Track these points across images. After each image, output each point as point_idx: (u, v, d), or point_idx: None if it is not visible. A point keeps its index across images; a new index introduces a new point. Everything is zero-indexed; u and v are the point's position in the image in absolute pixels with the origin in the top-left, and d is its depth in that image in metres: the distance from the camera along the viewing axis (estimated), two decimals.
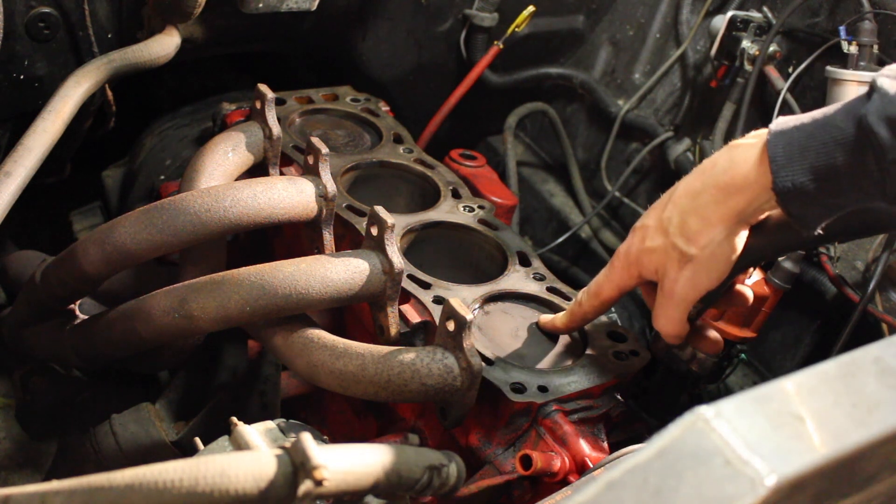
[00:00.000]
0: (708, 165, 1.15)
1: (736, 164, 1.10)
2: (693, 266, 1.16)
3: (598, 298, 1.30)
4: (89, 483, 0.81)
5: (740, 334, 1.67)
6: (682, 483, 0.62)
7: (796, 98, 1.88)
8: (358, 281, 1.26)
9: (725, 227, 1.13)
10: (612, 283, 1.28)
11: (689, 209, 1.15)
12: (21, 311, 1.54)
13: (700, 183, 1.15)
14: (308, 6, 1.76)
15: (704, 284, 1.18)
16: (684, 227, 1.16)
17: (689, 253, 1.16)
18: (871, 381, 0.73)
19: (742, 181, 1.09)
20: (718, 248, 1.14)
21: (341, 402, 1.57)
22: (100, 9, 1.63)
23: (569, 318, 1.35)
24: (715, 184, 1.12)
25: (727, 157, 1.12)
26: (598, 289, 1.30)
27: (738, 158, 1.10)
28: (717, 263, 1.16)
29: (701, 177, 1.15)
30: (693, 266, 1.16)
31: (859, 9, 1.77)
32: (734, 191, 1.10)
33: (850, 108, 1.03)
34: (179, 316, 1.25)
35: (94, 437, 1.42)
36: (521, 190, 2.31)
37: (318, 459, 0.85)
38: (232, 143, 1.49)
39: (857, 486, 0.75)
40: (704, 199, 1.13)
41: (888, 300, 1.69)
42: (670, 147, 2.13)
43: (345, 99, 1.84)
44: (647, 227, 1.22)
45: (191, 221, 1.29)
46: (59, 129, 1.45)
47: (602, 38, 2.35)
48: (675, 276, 1.18)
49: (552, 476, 1.20)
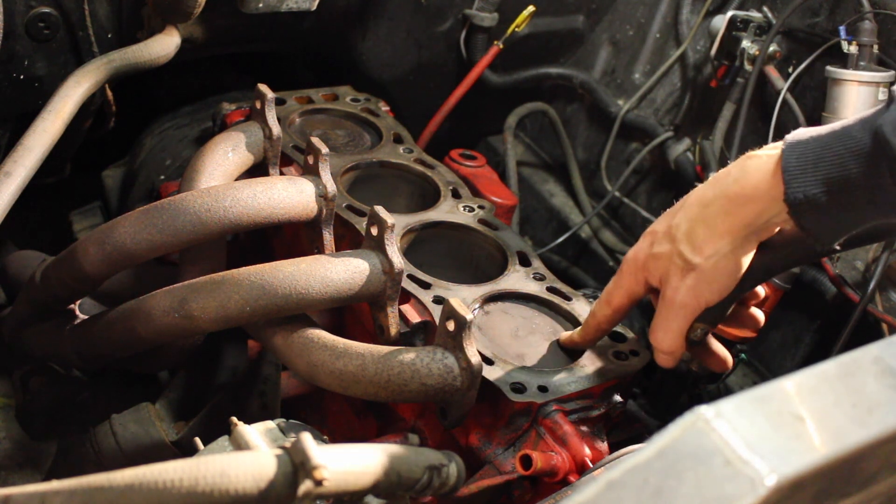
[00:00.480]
0: (722, 175, 1.13)
1: (748, 174, 1.08)
2: (696, 275, 1.14)
3: (609, 307, 1.27)
4: (89, 483, 0.81)
5: (740, 334, 1.67)
6: (682, 483, 0.62)
7: (796, 98, 1.88)
8: (358, 281, 1.26)
9: (733, 239, 1.11)
10: (622, 289, 1.25)
11: (698, 218, 1.13)
12: (21, 311, 1.54)
13: (712, 192, 1.13)
14: (308, 6, 1.76)
15: (706, 296, 1.15)
16: (691, 236, 1.14)
17: (693, 262, 1.14)
18: (871, 381, 0.73)
19: (752, 191, 1.07)
20: (723, 259, 1.12)
21: (341, 402, 1.57)
22: (100, 9, 1.63)
23: (584, 331, 1.32)
24: (725, 193, 1.10)
25: (740, 167, 1.10)
26: (608, 297, 1.28)
27: (751, 168, 1.08)
28: (721, 276, 1.13)
29: (713, 186, 1.13)
30: (696, 275, 1.14)
31: (859, 9, 1.77)
32: (744, 201, 1.08)
33: (867, 119, 1.01)
34: (179, 316, 1.25)
35: (94, 437, 1.42)
36: (521, 190, 2.31)
37: (318, 459, 0.85)
38: (232, 143, 1.49)
39: (857, 486, 0.75)
40: (714, 208, 1.12)
41: (888, 300, 1.69)
42: (670, 147, 2.13)
43: (345, 99, 1.84)
44: (656, 232, 1.21)
45: (191, 221, 1.29)
46: (59, 129, 1.45)
47: (602, 38, 2.35)
48: (676, 284, 1.16)
49: (552, 476, 1.20)
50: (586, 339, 1.33)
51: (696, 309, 1.17)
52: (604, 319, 1.29)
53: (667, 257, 1.17)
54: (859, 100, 1.73)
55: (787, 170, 1.03)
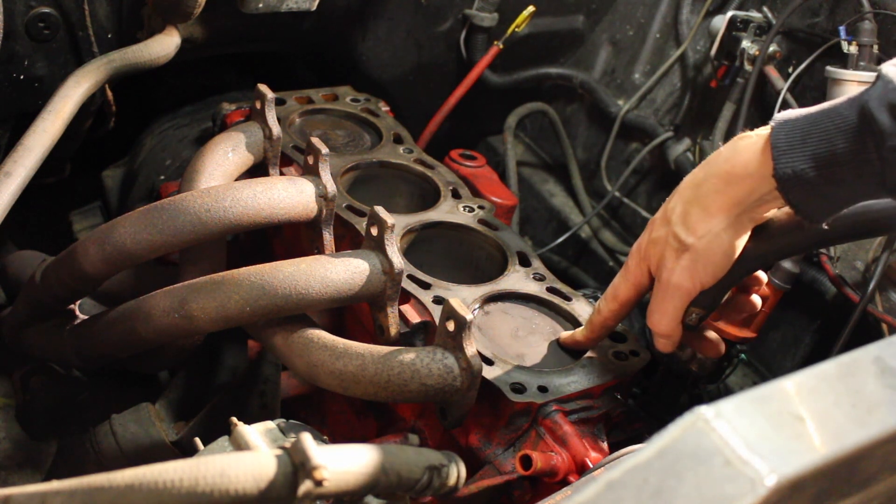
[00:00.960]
0: (713, 156, 1.15)
1: (738, 153, 1.10)
2: (690, 255, 1.16)
3: (616, 301, 1.28)
4: (89, 483, 0.81)
5: (740, 334, 1.67)
6: (682, 483, 0.62)
7: (796, 98, 1.88)
8: (358, 281, 1.26)
9: (725, 218, 1.13)
10: (628, 281, 1.26)
11: (692, 198, 1.15)
12: (21, 311, 1.54)
13: (703, 173, 1.15)
14: (308, 6, 1.76)
15: (700, 276, 1.17)
16: (685, 217, 1.15)
17: (686, 242, 1.15)
18: (871, 381, 0.73)
19: (742, 170, 1.09)
20: (716, 238, 1.14)
21: (341, 402, 1.57)
22: (100, 9, 1.63)
23: (589, 329, 1.32)
24: (716, 173, 1.12)
25: (731, 147, 1.12)
26: (614, 291, 1.28)
27: (741, 148, 1.10)
28: (714, 255, 1.15)
29: (705, 167, 1.15)
30: (690, 255, 1.16)
31: (859, 9, 1.77)
32: (735, 180, 1.10)
33: (854, 97, 1.03)
34: (179, 316, 1.25)
35: (94, 437, 1.42)
36: (521, 190, 2.32)
37: (318, 459, 0.85)
38: (232, 143, 1.49)
39: (857, 486, 0.75)
40: (706, 188, 1.13)
41: (888, 300, 1.69)
42: (670, 147, 2.13)
43: (345, 99, 1.84)
44: (654, 219, 1.22)
45: (191, 221, 1.29)
46: (59, 129, 1.45)
47: (602, 38, 2.35)
48: (671, 265, 1.18)
49: (552, 476, 1.20)
50: (591, 337, 1.33)
51: (691, 290, 1.18)
52: (610, 315, 1.29)
53: (663, 241, 1.19)
54: None
55: (776, 146, 1.05)
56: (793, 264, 1.70)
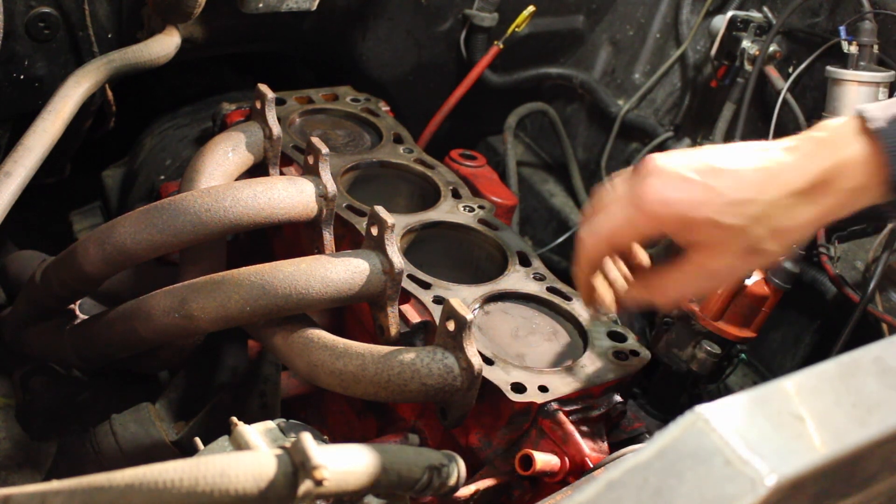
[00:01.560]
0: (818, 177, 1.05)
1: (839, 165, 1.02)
2: (758, 261, 1.07)
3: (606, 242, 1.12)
4: (89, 483, 0.81)
5: (740, 334, 1.67)
6: (682, 483, 0.62)
7: (796, 98, 1.88)
8: (358, 281, 1.26)
9: (812, 230, 1.07)
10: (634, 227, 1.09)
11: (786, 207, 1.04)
12: (21, 311, 1.54)
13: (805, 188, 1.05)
14: (308, 6, 1.76)
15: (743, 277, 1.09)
16: (775, 225, 1.04)
17: (768, 250, 1.06)
18: (871, 381, 0.73)
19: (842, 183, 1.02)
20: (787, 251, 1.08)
21: (341, 402, 1.57)
22: (100, 9, 1.63)
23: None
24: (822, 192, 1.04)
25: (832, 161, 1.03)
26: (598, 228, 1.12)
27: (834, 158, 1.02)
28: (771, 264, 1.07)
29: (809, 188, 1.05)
30: (758, 261, 1.07)
31: (859, 9, 1.78)
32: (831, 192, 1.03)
33: None
34: (179, 316, 1.25)
35: (94, 437, 1.42)
36: (521, 190, 2.31)
37: (318, 459, 0.85)
38: (232, 143, 1.49)
39: (857, 486, 0.75)
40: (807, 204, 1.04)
41: (888, 300, 1.69)
42: (670, 147, 2.13)
43: (345, 99, 1.84)
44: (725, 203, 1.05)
45: (191, 221, 1.29)
46: (59, 129, 1.45)
47: (602, 38, 2.35)
48: (730, 261, 1.07)
49: (552, 476, 1.20)
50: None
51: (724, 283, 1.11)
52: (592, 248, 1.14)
53: (734, 231, 1.05)
54: (859, 100, 1.73)
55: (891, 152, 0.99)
56: (793, 264, 1.70)
